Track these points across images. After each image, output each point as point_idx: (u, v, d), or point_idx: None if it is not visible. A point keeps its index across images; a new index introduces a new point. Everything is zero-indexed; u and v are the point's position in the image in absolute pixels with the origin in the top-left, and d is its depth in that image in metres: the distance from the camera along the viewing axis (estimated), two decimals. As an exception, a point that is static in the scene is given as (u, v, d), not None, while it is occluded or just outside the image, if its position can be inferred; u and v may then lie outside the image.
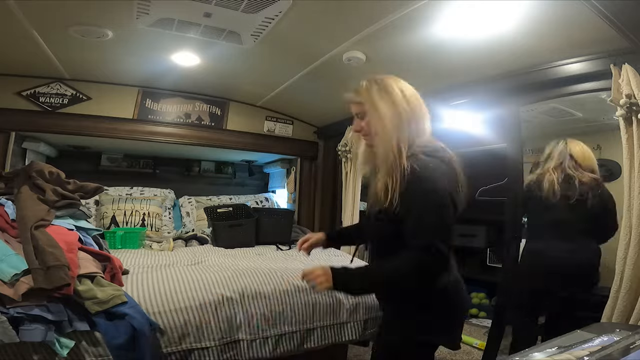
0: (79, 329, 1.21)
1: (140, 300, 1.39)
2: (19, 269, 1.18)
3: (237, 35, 1.85)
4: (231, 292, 1.57)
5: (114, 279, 1.43)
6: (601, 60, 1.57)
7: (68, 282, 1.19)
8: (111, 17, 1.71)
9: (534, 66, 1.81)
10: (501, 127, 2.11)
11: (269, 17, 1.65)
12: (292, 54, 2.08)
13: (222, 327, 1.50)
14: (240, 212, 2.92)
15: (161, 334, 1.38)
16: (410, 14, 1.52)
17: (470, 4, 1.44)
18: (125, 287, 1.43)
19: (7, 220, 1.44)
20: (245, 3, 1.54)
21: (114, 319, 1.25)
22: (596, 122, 2.33)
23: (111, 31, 1.83)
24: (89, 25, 1.77)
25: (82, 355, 1.21)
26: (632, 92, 1.41)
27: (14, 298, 1.13)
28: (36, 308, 1.14)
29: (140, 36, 1.88)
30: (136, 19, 1.70)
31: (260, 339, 1.57)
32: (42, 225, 1.37)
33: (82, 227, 1.61)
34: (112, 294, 1.27)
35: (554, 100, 2.06)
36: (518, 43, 1.65)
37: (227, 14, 1.63)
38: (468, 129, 2.41)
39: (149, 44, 2.00)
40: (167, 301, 1.44)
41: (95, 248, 1.56)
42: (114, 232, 2.44)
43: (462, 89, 2.16)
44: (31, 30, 1.78)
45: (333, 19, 1.67)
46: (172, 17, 1.69)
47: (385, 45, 1.82)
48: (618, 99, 1.45)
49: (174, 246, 2.53)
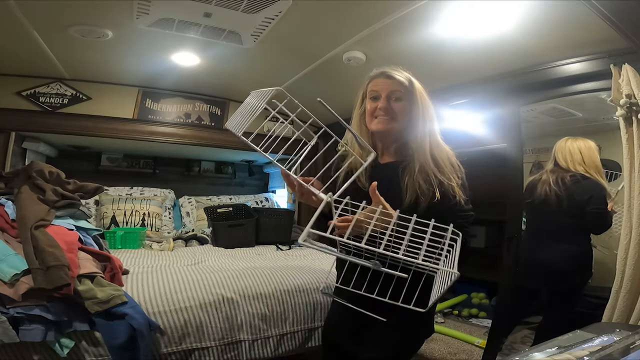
0: (79, 329, 1.22)
1: (140, 300, 1.39)
2: (19, 269, 1.18)
3: (237, 35, 1.85)
4: (231, 292, 1.57)
5: (114, 279, 1.43)
6: (601, 60, 1.58)
7: (68, 282, 1.19)
8: (111, 17, 1.71)
9: (534, 66, 1.81)
10: (501, 127, 2.11)
11: (269, 17, 1.65)
12: (292, 54, 2.08)
13: (222, 327, 1.50)
14: (240, 212, 2.92)
15: (161, 334, 1.38)
16: (410, 14, 1.52)
17: (470, 4, 1.44)
18: (125, 287, 1.43)
19: (7, 220, 1.44)
20: (245, 3, 1.55)
21: (114, 319, 1.25)
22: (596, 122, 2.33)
23: (111, 31, 1.83)
24: (89, 25, 1.77)
25: (82, 355, 1.21)
26: (632, 92, 1.41)
27: (14, 298, 1.13)
28: (36, 308, 1.14)
29: (140, 36, 1.88)
30: (136, 19, 1.70)
31: (262, 339, 1.57)
32: (42, 225, 1.38)
33: (82, 227, 1.61)
34: (112, 294, 1.27)
35: (554, 100, 2.06)
36: (518, 43, 1.65)
37: (227, 14, 1.63)
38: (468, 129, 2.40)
39: (149, 44, 2.00)
40: (167, 301, 1.44)
41: (95, 248, 1.56)
42: (114, 232, 2.44)
43: (462, 89, 2.16)
44: (31, 30, 1.78)
45: (333, 19, 1.67)
46: (172, 17, 1.69)
47: (385, 45, 1.82)
48: (618, 99, 1.45)
49: (174, 246, 2.53)
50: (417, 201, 0.99)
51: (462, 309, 3.16)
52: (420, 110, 1.06)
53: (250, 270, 1.78)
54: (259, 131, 0.87)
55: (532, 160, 2.62)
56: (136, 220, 2.82)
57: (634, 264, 1.41)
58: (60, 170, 1.74)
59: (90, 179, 1.96)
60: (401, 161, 1.07)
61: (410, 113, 1.07)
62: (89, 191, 1.80)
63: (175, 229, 3.08)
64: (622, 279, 1.44)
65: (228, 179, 3.92)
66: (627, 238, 1.45)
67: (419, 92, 1.08)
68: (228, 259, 2.17)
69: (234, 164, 3.93)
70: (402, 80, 1.07)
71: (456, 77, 2.10)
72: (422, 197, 0.99)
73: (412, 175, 1.01)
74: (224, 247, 2.58)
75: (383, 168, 1.10)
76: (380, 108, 1.07)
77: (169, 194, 3.30)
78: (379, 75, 1.10)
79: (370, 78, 1.12)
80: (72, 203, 1.64)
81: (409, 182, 1.01)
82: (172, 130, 2.84)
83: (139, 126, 2.75)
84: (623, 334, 0.78)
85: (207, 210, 2.96)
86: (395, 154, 1.11)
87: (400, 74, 1.08)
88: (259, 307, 1.60)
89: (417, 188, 1.00)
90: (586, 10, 1.31)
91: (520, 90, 1.93)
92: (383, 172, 1.08)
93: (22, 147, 2.63)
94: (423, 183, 1.00)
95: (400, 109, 1.07)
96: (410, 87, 1.07)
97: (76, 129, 2.56)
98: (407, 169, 1.03)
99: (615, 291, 1.46)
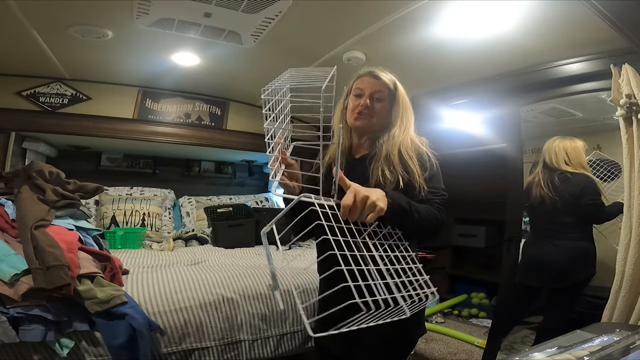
0: (79, 329, 1.22)
1: (140, 300, 1.39)
2: (19, 269, 1.18)
3: (237, 35, 1.85)
4: (231, 293, 1.57)
5: (114, 279, 1.43)
6: (601, 60, 1.58)
7: (68, 282, 1.19)
8: (111, 17, 1.71)
9: (534, 66, 1.81)
10: (501, 127, 2.11)
11: (269, 17, 1.65)
12: (292, 54, 2.08)
13: (222, 327, 1.50)
14: (240, 212, 2.92)
15: (161, 334, 1.38)
16: (410, 14, 1.52)
17: (470, 4, 1.44)
18: (125, 287, 1.43)
19: (7, 220, 1.44)
20: (245, 3, 1.54)
21: (114, 319, 1.25)
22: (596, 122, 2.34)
23: (111, 31, 1.83)
24: (89, 25, 1.77)
25: (82, 355, 1.21)
26: (632, 92, 1.41)
27: (14, 298, 1.13)
28: (36, 308, 1.14)
29: (140, 36, 1.88)
30: (136, 19, 1.70)
31: (262, 339, 1.57)
32: (42, 225, 1.37)
33: (82, 227, 1.61)
34: (112, 294, 1.27)
35: (554, 100, 2.07)
36: (518, 43, 1.65)
37: (227, 14, 1.63)
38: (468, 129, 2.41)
39: (149, 44, 2.00)
40: (167, 301, 1.44)
41: (95, 248, 1.56)
42: (114, 232, 2.44)
43: (462, 89, 2.16)
44: (31, 30, 1.78)
45: (333, 19, 1.67)
46: (172, 17, 1.69)
47: (385, 45, 1.82)
48: (618, 99, 1.45)
49: (174, 246, 2.53)
50: (379, 186, 1.00)
51: (462, 309, 3.16)
52: (400, 112, 1.10)
53: (250, 270, 1.78)
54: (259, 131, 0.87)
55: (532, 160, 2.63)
56: (136, 220, 2.82)
57: (633, 264, 1.41)
58: (60, 170, 1.73)
59: (90, 179, 1.95)
60: (371, 152, 1.11)
61: (390, 114, 1.11)
62: (89, 191, 1.80)
63: (175, 229, 3.08)
64: (622, 279, 1.44)
65: (228, 179, 3.92)
66: (627, 238, 1.45)
67: (402, 95, 1.12)
68: (228, 259, 2.17)
69: (234, 164, 3.93)
70: (386, 82, 1.10)
71: (456, 77, 2.10)
72: (384, 183, 1.01)
73: (377, 162, 1.05)
74: (224, 247, 2.57)
75: (356, 162, 1.14)
76: (362, 105, 1.10)
77: (169, 194, 3.30)
78: (366, 74, 1.13)
79: (357, 76, 1.15)
80: (72, 203, 1.63)
81: (374, 169, 1.05)
82: (172, 130, 2.84)
83: (139, 126, 2.75)
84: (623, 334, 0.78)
85: (207, 210, 2.96)
86: (367, 146, 1.15)
87: (386, 75, 1.12)
88: (259, 307, 1.60)
89: (379, 174, 1.02)
90: (586, 10, 1.31)
91: (520, 90, 1.93)
92: (356, 165, 1.13)
93: (22, 147, 2.63)
94: (387, 171, 1.02)
95: (380, 109, 1.11)
96: (394, 90, 1.11)
97: (76, 129, 2.56)
98: (375, 157, 1.07)
99: (615, 291, 1.46)
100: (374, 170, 1.04)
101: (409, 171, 1.02)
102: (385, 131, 1.10)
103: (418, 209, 0.94)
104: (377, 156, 1.06)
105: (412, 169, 1.02)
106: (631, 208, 1.45)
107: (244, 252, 2.44)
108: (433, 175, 1.05)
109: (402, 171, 1.02)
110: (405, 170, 1.02)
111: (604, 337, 0.77)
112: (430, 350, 2.36)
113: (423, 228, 0.97)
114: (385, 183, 1.00)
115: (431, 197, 1.03)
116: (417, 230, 0.96)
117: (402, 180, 1.00)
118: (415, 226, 0.94)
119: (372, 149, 1.12)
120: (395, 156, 1.04)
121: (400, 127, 1.09)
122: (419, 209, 0.94)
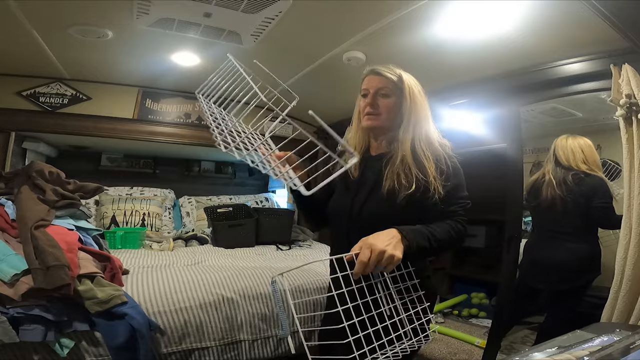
0: (79, 329, 1.22)
1: (140, 300, 1.39)
2: (19, 269, 1.18)
3: (237, 35, 1.85)
4: (231, 293, 1.57)
5: (114, 279, 1.43)
6: (601, 60, 1.58)
7: (68, 282, 1.19)
8: (111, 17, 1.70)
9: (534, 66, 1.81)
10: (501, 127, 2.11)
11: (269, 17, 1.65)
12: (292, 54, 2.08)
13: (222, 327, 1.50)
14: (240, 212, 2.92)
15: (161, 334, 1.38)
16: (410, 14, 1.52)
17: (470, 4, 1.44)
18: (125, 287, 1.43)
19: (7, 220, 1.44)
20: (245, 3, 1.54)
21: (114, 319, 1.25)
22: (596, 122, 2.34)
23: (111, 31, 1.83)
24: (89, 25, 1.77)
25: (82, 355, 1.21)
26: (632, 92, 1.41)
27: (14, 298, 1.13)
28: (36, 308, 1.14)
29: (140, 36, 1.88)
30: (136, 19, 1.70)
31: (262, 339, 1.57)
32: (42, 225, 1.37)
33: (82, 227, 1.61)
34: (112, 294, 1.27)
35: (554, 100, 2.06)
36: (518, 43, 1.65)
37: (227, 14, 1.63)
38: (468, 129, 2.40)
39: (149, 44, 2.00)
40: (167, 301, 1.44)
41: (95, 248, 1.56)
42: (114, 232, 2.44)
43: (462, 89, 2.16)
44: (31, 30, 1.78)
45: (333, 19, 1.67)
46: (172, 17, 1.69)
47: (385, 45, 1.82)
48: (618, 99, 1.45)
49: (174, 246, 2.53)
50: (393, 190, 1.01)
51: (462, 309, 3.16)
52: (409, 105, 1.07)
53: (250, 270, 1.78)
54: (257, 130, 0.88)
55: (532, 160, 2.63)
56: (136, 220, 2.82)
57: (633, 264, 1.41)
58: (60, 170, 1.73)
59: (90, 179, 1.95)
60: (387, 152, 1.10)
61: (399, 108, 1.09)
62: (89, 191, 1.80)
63: (175, 229, 3.08)
64: (622, 279, 1.44)
65: (228, 179, 3.92)
66: (627, 238, 1.45)
67: (409, 87, 1.09)
68: (228, 259, 2.17)
69: (234, 164, 3.92)
70: (390, 77, 1.09)
71: (456, 77, 2.10)
72: (398, 187, 1.00)
73: (393, 165, 1.04)
74: (224, 247, 2.57)
75: (372, 159, 1.14)
76: (367, 104, 1.10)
77: (169, 194, 3.30)
78: (369, 73, 1.12)
79: (363, 76, 1.14)
80: (72, 203, 1.63)
81: (388, 172, 1.04)
82: (172, 130, 2.84)
83: (139, 126, 2.75)
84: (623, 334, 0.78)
85: (207, 210, 2.96)
86: (384, 146, 1.14)
87: (389, 71, 1.10)
88: (259, 307, 1.60)
89: (394, 178, 1.02)
90: (586, 10, 1.31)
91: (520, 90, 1.92)
92: (372, 163, 1.13)
93: (22, 147, 2.63)
94: (402, 174, 1.02)
95: (387, 105, 1.09)
96: (400, 83, 1.09)
97: (76, 129, 2.56)
98: (391, 160, 1.06)
99: (615, 291, 1.46)
100: (389, 174, 1.03)
101: (424, 172, 1.01)
102: (399, 129, 1.09)
103: (438, 237, 0.93)
104: (392, 159, 1.05)
105: (427, 169, 1.01)
106: (631, 208, 1.45)
107: (244, 252, 2.44)
108: (457, 184, 1.04)
109: (417, 172, 1.01)
110: (420, 170, 1.01)
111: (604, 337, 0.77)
112: (430, 350, 2.36)
113: (444, 250, 0.99)
114: (400, 189, 1.00)
115: (456, 209, 1.02)
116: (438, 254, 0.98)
117: (416, 185, 0.99)
118: (436, 254, 0.97)
119: (388, 149, 1.11)
120: (409, 156, 1.04)
121: (409, 123, 1.07)
122: (438, 238, 0.94)
